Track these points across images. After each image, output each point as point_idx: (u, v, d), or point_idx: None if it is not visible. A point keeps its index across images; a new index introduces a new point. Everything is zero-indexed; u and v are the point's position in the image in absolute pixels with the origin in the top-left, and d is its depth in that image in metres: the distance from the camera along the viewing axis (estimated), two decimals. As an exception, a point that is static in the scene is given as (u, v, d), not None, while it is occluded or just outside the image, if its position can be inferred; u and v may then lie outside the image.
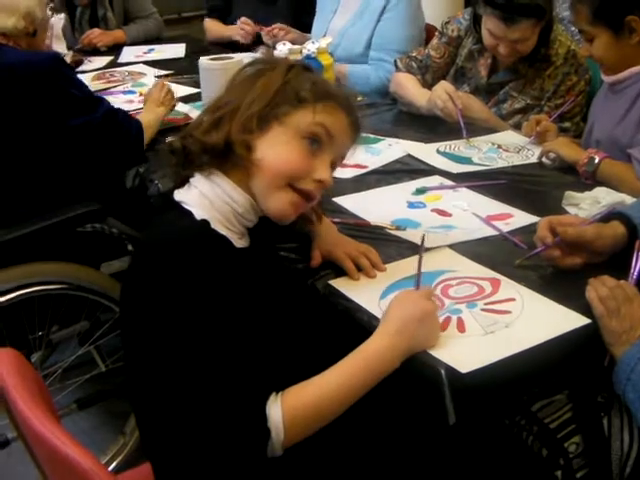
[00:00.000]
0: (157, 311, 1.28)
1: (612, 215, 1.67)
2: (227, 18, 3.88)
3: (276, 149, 1.41)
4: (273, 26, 2.98)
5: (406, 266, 1.67)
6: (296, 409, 1.28)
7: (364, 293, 1.58)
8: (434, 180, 2.13)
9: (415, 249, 1.72)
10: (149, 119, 2.48)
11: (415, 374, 1.40)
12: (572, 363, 1.49)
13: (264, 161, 1.40)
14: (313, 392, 1.31)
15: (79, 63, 3.46)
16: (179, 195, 1.43)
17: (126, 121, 2.42)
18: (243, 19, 3.63)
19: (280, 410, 1.27)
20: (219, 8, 3.94)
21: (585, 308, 1.48)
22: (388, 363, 1.35)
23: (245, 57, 2.21)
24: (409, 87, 2.76)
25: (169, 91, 2.63)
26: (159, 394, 1.31)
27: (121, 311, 1.45)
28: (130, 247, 2.45)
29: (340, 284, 1.61)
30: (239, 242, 1.43)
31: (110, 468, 2.35)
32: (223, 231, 1.39)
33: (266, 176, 1.41)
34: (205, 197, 1.40)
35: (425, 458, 1.57)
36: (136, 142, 2.41)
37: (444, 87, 2.55)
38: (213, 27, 3.94)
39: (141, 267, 1.35)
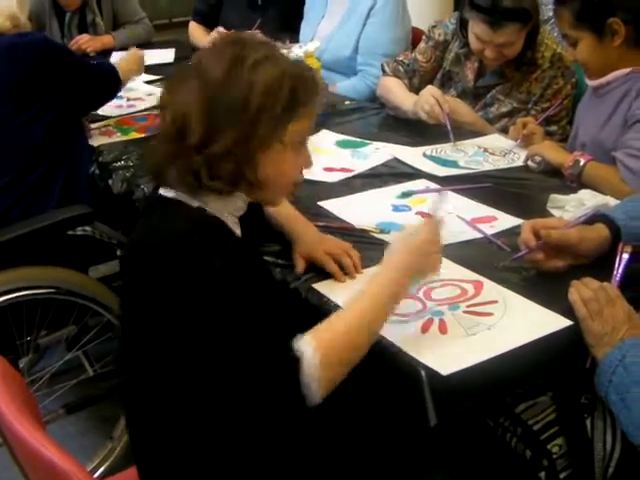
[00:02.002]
0: (195, 297, 1.27)
1: (596, 217, 1.68)
2: (214, 23, 3.87)
3: (279, 167, 1.40)
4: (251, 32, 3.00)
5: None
6: (324, 339, 1.31)
7: (348, 295, 1.57)
8: (420, 184, 2.14)
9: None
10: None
11: (396, 375, 1.40)
12: (555, 365, 1.50)
13: (269, 180, 1.40)
14: (337, 322, 1.35)
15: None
16: (166, 191, 1.42)
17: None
18: (219, 28, 3.65)
19: (309, 341, 1.29)
20: (202, 13, 3.94)
21: (567, 310, 1.49)
22: (402, 284, 1.40)
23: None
24: (396, 91, 2.77)
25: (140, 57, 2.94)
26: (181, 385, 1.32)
27: (129, 310, 1.42)
28: (119, 252, 2.45)
29: (324, 287, 1.62)
30: (237, 231, 1.45)
31: (98, 473, 2.34)
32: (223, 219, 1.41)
33: (272, 191, 1.44)
34: None
35: (408, 460, 1.57)
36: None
37: (431, 91, 2.56)
38: (195, 32, 3.94)
39: (162, 262, 1.31)
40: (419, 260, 1.43)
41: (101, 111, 2.78)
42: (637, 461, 1.50)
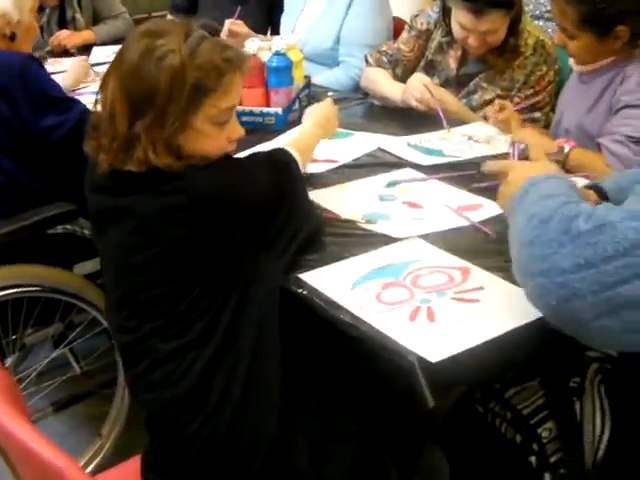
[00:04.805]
0: None
1: (587, 186, 1.65)
2: (193, 17, 3.85)
3: (202, 145, 1.53)
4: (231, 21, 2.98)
5: (376, 258, 1.67)
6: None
7: (335, 285, 1.58)
8: (405, 173, 2.13)
9: (387, 242, 1.73)
10: None
11: (388, 364, 1.40)
12: (542, 350, 1.50)
13: (197, 154, 1.52)
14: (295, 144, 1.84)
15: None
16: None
17: None
18: (228, 20, 3.63)
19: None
20: (179, 6, 3.92)
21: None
22: (317, 134, 1.98)
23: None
24: (381, 81, 2.76)
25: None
26: None
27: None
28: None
29: (310, 277, 1.61)
30: None
31: (88, 470, 2.33)
32: None
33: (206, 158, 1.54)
34: None
35: (409, 435, 1.61)
36: None
37: (420, 79, 2.55)
38: None
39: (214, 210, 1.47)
40: (326, 122, 2.01)
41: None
42: (627, 443, 1.50)
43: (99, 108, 1.54)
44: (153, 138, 1.45)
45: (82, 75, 3.13)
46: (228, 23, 2.92)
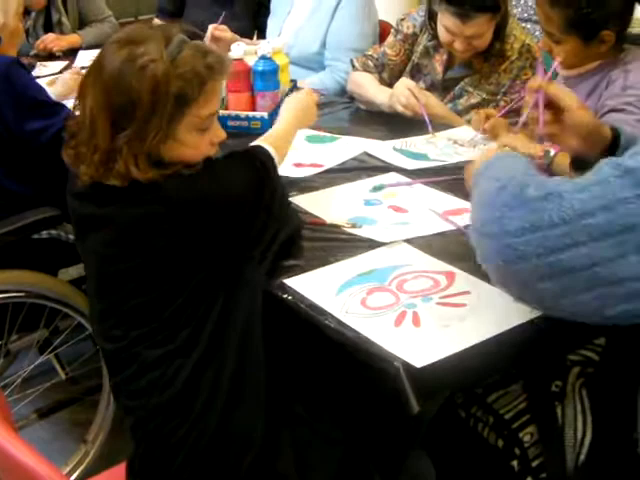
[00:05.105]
0: None
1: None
2: (180, 20, 3.85)
3: (184, 152, 1.50)
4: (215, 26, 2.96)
5: (362, 263, 1.67)
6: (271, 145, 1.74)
7: (319, 290, 1.57)
8: (391, 177, 2.13)
9: (372, 246, 1.73)
10: None
11: (374, 369, 1.40)
12: (526, 355, 1.50)
13: (179, 159, 1.50)
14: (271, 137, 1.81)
15: (31, 68, 3.42)
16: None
17: None
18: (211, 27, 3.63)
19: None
20: (166, 10, 3.91)
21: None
22: (294, 124, 1.94)
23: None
24: (368, 86, 2.76)
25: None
26: None
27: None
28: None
29: (295, 283, 1.61)
30: None
31: (73, 477, 2.32)
32: None
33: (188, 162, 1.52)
34: None
35: (396, 441, 1.61)
36: None
37: (406, 83, 2.55)
38: None
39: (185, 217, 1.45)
40: (303, 113, 1.99)
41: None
42: (608, 447, 1.51)
43: (77, 114, 1.51)
44: (135, 151, 1.43)
45: (74, 87, 3.07)
46: (212, 28, 2.91)
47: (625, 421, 1.45)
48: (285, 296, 1.59)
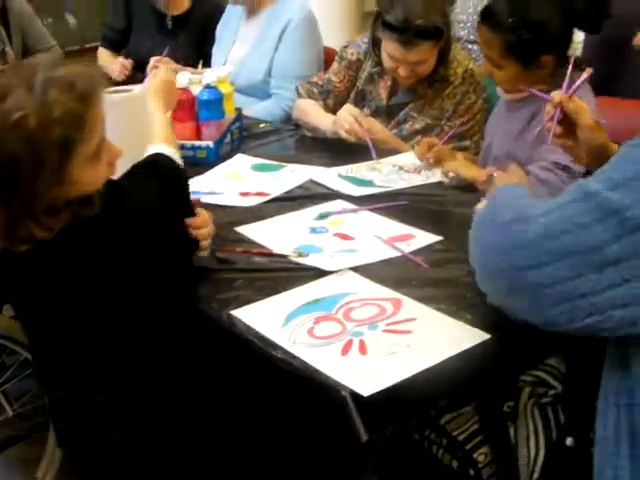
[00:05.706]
0: None
1: None
2: (123, 48, 3.84)
3: (82, 185, 1.43)
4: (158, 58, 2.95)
5: (308, 292, 1.67)
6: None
7: (267, 321, 1.57)
8: (337, 204, 2.14)
9: (319, 275, 1.73)
10: None
11: (322, 399, 1.40)
12: (476, 378, 1.52)
13: (81, 194, 1.43)
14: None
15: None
16: None
17: None
18: (121, 59, 3.64)
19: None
20: (109, 39, 3.90)
21: (486, 323, 1.51)
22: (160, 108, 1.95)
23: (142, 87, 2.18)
24: (312, 112, 2.78)
25: None
26: None
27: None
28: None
29: (242, 314, 1.60)
30: None
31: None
32: None
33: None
34: None
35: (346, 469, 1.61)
36: None
37: (349, 110, 2.57)
38: (103, 57, 3.90)
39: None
40: (166, 95, 2.02)
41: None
42: (561, 465, 1.53)
43: None
44: (31, 211, 1.37)
45: None
46: (153, 61, 2.89)
47: (580, 437, 1.49)
48: (232, 328, 1.58)
